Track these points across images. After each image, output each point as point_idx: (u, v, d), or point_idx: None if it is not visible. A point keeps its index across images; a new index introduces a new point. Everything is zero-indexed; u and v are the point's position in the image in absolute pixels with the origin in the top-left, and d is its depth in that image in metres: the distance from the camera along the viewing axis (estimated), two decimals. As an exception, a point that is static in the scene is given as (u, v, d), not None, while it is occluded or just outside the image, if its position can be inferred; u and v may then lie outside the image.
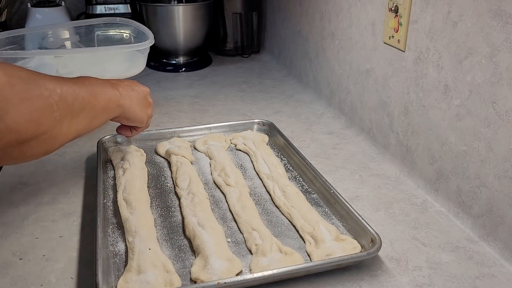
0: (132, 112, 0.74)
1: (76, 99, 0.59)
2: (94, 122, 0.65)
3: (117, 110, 0.71)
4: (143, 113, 0.77)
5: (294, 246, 0.67)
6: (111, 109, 0.69)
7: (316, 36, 1.24)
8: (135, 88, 0.76)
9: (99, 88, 0.66)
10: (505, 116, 0.65)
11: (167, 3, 1.48)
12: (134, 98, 0.74)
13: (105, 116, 0.68)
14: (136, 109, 0.75)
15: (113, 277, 0.60)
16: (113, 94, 0.69)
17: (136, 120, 0.76)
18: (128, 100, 0.72)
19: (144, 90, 0.79)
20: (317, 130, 1.07)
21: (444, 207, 0.77)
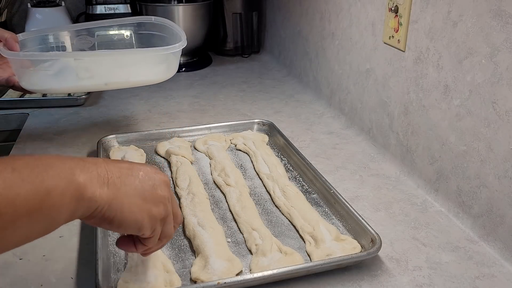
0: (118, 210, 0.44)
1: None
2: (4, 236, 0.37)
3: (74, 207, 0.41)
4: (142, 212, 0.46)
5: (294, 246, 0.67)
6: (52, 208, 0.39)
7: (316, 36, 1.24)
8: (139, 174, 0.48)
9: (27, 174, 0.38)
10: (505, 116, 0.65)
11: (167, 3, 1.48)
12: (130, 189, 0.46)
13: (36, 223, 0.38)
14: (126, 206, 0.45)
15: (113, 277, 0.60)
16: (63, 181, 0.40)
17: (126, 224, 0.46)
18: (109, 190, 0.43)
19: (156, 178, 0.49)
20: (317, 130, 1.07)
21: (444, 207, 0.77)
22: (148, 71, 0.90)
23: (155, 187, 0.48)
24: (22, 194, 0.36)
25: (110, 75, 0.89)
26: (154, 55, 0.90)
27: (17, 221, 0.37)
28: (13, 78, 0.86)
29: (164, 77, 0.90)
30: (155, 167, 0.52)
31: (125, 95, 1.27)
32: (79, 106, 1.18)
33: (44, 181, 0.38)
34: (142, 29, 1.08)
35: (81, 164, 0.42)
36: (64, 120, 1.11)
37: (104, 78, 0.88)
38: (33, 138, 1.01)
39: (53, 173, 0.39)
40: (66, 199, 0.40)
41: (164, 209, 0.49)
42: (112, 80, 0.88)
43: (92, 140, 0.97)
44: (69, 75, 0.86)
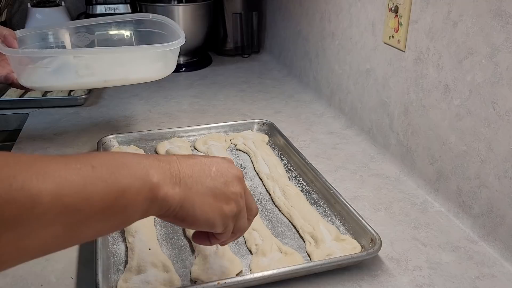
0: (190, 209, 0.45)
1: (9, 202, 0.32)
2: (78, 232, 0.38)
3: (148, 207, 0.42)
4: (215, 211, 0.47)
5: (294, 246, 0.67)
6: (127, 206, 0.40)
7: (316, 36, 1.24)
8: (212, 170, 0.48)
9: (104, 172, 0.39)
10: (505, 116, 0.65)
11: (167, 3, 1.48)
12: (201, 186, 0.46)
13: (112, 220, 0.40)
14: (198, 205, 0.46)
15: (113, 277, 0.60)
16: (138, 181, 0.41)
17: (199, 222, 0.46)
18: (181, 190, 0.44)
19: (229, 175, 0.49)
20: (317, 130, 1.07)
21: (444, 207, 0.77)
22: (147, 68, 0.90)
23: (227, 184, 0.48)
24: (99, 193, 0.37)
25: (109, 72, 0.89)
26: (153, 52, 0.90)
27: (92, 217, 0.38)
28: (11, 75, 0.86)
29: (163, 74, 0.90)
30: (228, 160, 0.52)
31: (125, 95, 1.27)
32: (79, 106, 1.18)
33: (120, 181, 0.39)
34: (141, 27, 1.08)
35: (155, 163, 0.43)
36: (64, 120, 1.11)
37: (104, 75, 0.88)
38: (33, 138, 1.01)
39: (129, 173, 0.40)
40: (139, 198, 0.41)
41: (236, 206, 0.49)
42: (112, 77, 0.88)
43: (92, 140, 0.97)
44: (68, 72, 0.87)
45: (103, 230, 0.41)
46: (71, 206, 0.36)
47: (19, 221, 0.33)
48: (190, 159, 0.48)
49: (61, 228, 0.36)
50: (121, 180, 0.39)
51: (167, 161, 0.45)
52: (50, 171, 0.35)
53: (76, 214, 0.36)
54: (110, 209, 0.39)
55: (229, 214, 0.49)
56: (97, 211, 0.38)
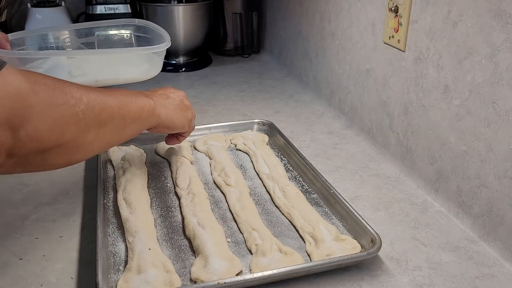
0: (170, 120, 0.73)
1: (104, 109, 0.58)
2: (124, 132, 0.64)
3: (152, 120, 0.69)
4: (183, 118, 0.76)
5: (294, 246, 0.67)
6: (144, 119, 0.67)
7: (316, 36, 1.24)
8: (170, 95, 0.75)
9: (130, 98, 0.65)
10: (505, 116, 0.65)
11: (167, 3, 1.48)
12: (170, 106, 0.73)
13: (137, 126, 0.66)
14: (174, 116, 0.74)
15: (113, 277, 0.60)
16: (147, 103, 0.68)
17: (176, 127, 0.76)
18: (163, 109, 0.71)
19: (179, 95, 0.77)
20: (317, 130, 1.07)
21: (444, 207, 0.77)
22: (135, 69, 0.98)
23: (182, 101, 0.77)
24: (132, 108, 0.64)
25: (100, 72, 0.94)
26: (141, 54, 0.98)
27: (130, 124, 0.65)
28: None
29: (150, 75, 1.00)
30: (170, 88, 0.79)
31: (125, 95, 1.27)
32: (79, 106, 1.18)
33: (140, 102, 0.66)
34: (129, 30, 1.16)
35: (148, 95, 0.70)
36: (64, 120, 1.10)
37: (95, 75, 0.94)
38: (33, 138, 1.01)
39: (141, 98, 0.67)
40: (149, 113, 0.68)
41: (191, 112, 0.79)
42: (102, 77, 0.95)
43: (92, 140, 0.97)
44: (61, 72, 0.91)
45: (132, 134, 0.67)
46: (124, 114, 0.62)
47: (106, 121, 0.59)
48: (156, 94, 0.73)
49: (118, 129, 0.62)
50: (140, 102, 0.66)
51: (151, 95, 0.71)
52: (116, 94, 0.62)
53: (126, 120, 0.63)
54: (137, 119, 0.66)
55: (190, 117, 0.79)
56: (132, 121, 0.65)
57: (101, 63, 0.96)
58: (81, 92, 0.55)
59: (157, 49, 0.92)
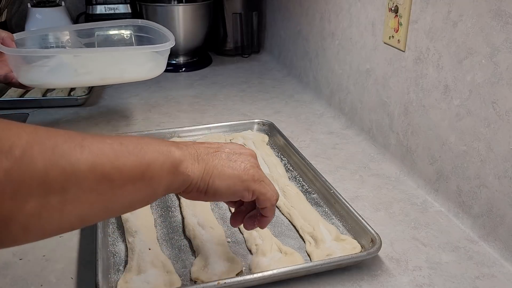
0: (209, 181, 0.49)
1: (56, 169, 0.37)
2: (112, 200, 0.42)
3: (171, 179, 0.46)
4: (232, 178, 0.51)
5: (294, 246, 0.67)
6: (153, 178, 0.44)
7: (316, 36, 1.24)
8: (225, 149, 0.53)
9: (132, 147, 0.43)
10: (505, 116, 0.65)
11: (167, 3, 1.48)
12: (217, 160, 0.51)
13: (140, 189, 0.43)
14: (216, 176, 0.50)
15: (113, 277, 0.60)
16: (161, 155, 0.45)
17: (221, 192, 0.50)
18: (199, 164, 0.49)
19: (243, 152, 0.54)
20: (317, 130, 1.07)
21: (444, 207, 0.77)
22: (140, 68, 0.96)
23: (241, 155, 0.53)
24: (128, 165, 0.42)
25: (105, 70, 0.94)
26: (146, 53, 0.97)
27: (124, 187, 0.42)
28: (10, 75, 0.89)
29: (154, 74, 0.98)
30: (240, 144, 0.56)
31: (125, 95, 1.27)
32: (79, 106, 1.18)
33: (146, 155, 0.44)
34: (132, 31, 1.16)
35: (175, 143, 0.48)
36: (64, 120, 1.11)
37: (100, 73, 0.93)
38: (33, 138, 1.01)
39: (153, 149, 0.45)
40: (164, 171, 0.45)
41: (255, 170, 0.52)
42: (108, 75, 0.94)
43: (92, 140, 0.97)
44: (66, 70, 0.91)
45: (135, 202, 0.45)
46: (105, 175, 0.40)
47: (63, 185, 0.37)
48: (204, 143, 0.53)
49: (97, 197, 0.40)
50: (147, 154, 0.44)
51: (184, 143, 0.50)
52: (86, 144, 0.40)
53: (110, 183, 0.40)
54: (139, 181, 0.43)
55: (249, 178, 0.51)
56: (127, 181, 0.42)
57: (106, 61, 0.95)
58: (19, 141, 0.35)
59: (162, 48, 0.92)
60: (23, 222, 0.36)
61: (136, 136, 0.50)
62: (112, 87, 1.33)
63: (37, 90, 1.25)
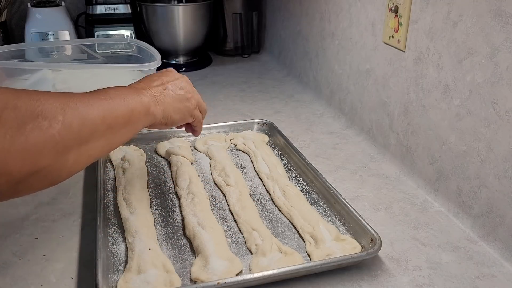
0: (167, 117, 0.67)
1: (84, 124, 0.51)
2: (113, 141, 0.57)
3: (146, 120, 0.63)
4: (184, 111, 0.70)
5: (294, 246, 0.67)
6: (136, 121, 0.60)
7: (316, 36, 1.24)
8: (168, 85, 0.68)
9: (118, 101, 0.57)
10: (505, 116, 0.65)
11: (167, 3, 1.48)
12: (168, 99, 0.66)
13: (129, 130, 0.59)
14: (172, 112, 0.67)
15: (113, 277, 0.60)
16: (138, 103, 0.60)
17: (175, 122, 0.69)
18: (159, 105, 0.64)
19: (179, 83, 0.70)
20: (317, 130, 1.07)
21: (444, 207, 0.77)
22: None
23: (182, 88, 0.70)
24: (120, 114, 0.57)
25: (85, 88, 0.93)
26: (134, 72, 0.96)
27: (120, 129, 0.57)
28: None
29: None
30: (168, 72, 0.71)
31: (125, 95, 1.27)
32: (79, 106, 1.18)
33: (129, 104, 0.59)
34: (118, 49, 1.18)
35: (139, 90, 0.63)
36: (64, 120, 1.10)
37: (80, 90, 0.91)
38: (33, 138, 1.01)
39: (131, 98, 0.60)
40: (141, 115, 0.61)
41: (194, 100, 0.73)
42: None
43: (92, 140, 0.97)
44: (46, 86, 0.90)
45: (126, 138, 0.59)
46: (110, 124, 0.55)
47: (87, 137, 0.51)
48: (151, 82, 0.67)
49: (105, 141, 0.55)
50: (130, 103, 0.59)
51: (143, 89, 0.63)
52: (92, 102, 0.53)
53: (112, 129, 0.55)
54: (128, 123, 0.58)
55: (192, 107, 0.72)
56: (122, 125, 0.57)
57: (87, 78, 0.94)
58: (56, 108, 0.48)
59: (145, 67, 0.90)
60: (69, 170, 0.51)
61: (114, 88, 0.60)
62: (112, 87, 1.33)
63: (37, 90, 1.25)
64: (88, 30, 1.54)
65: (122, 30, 1.54)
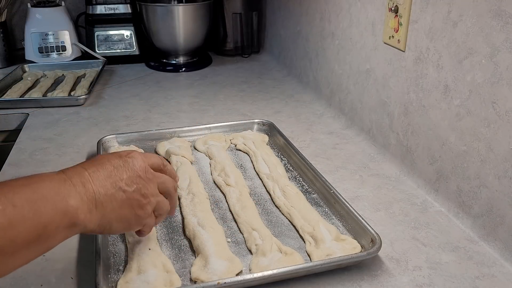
0: (105, 227, 0.49)
1: None
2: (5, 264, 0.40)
3: (67, 234, 0.45)
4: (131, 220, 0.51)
5: (294, 246, 0.67)
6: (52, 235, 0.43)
7: (316, 36, 1.24)
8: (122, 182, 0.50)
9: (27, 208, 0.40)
10: (505, 116, 0.65)
11: (167, 3, 1.48)
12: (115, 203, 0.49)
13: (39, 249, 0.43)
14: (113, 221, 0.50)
15: (113, 277, 0.60)
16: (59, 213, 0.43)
17: (117, 232, 0.53)
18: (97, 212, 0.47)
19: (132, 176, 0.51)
20: (317, 130, 1.07)
21: (444, 207, 0.77)
22: None
23: (139, 190, 0.51)
24: (22, 231, 0.39)
25: None
26: None
27: (17, 253, 0.40)
28: None
29: None
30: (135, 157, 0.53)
31: (125, 95, 1.27)
32: (79, 106, 1.18)
33: (42, 216, 0.41)
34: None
35: (72, 191, 0.45)
36: (64, 120, 1.11)
37: None
38: (33, 138, 1.01)
39: (50, 207, 0.42)
40: (60, 229, 0.43)
41: (151, 206, 0.53)
42: None
43: (92, 140, 0.97)
44: None
45: (27, 261, 0.42)
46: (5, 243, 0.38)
47: None
48: (101, 171, 0.49)
49: None
50: (43, 214, 0.41)
51: (81, 183, 0.46)
52: None
53: (3, 252, 0.38)
54: (34, 243, 0.41)
55: (145, 216, 0.53)
56: (22, 247, 0.40)
57: None
58: None
59: None
60: None
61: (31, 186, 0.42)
62: (112, 87, 1.33)
63: (38, 90, 1.25)
64: (88, 30, 1.55)
65: (122, 30, 1.54)
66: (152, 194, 0.53)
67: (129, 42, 1.56)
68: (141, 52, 1.57)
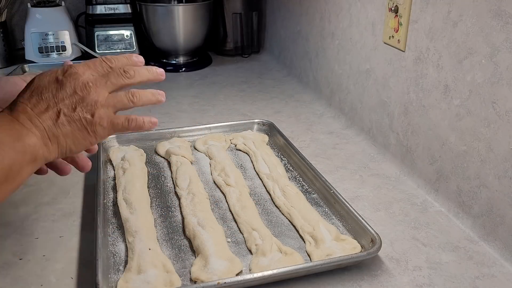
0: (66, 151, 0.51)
1: None
2: None
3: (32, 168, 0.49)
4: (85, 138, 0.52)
5: (294, 246, 0.67)
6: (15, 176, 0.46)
7: (316, 36, 1.24)
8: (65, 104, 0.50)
9: None
10: (505, 116, 0.65)
11: (167, 3, 1.48)
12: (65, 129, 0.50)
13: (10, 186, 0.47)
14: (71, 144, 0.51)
15: (113, 277, 0.60)
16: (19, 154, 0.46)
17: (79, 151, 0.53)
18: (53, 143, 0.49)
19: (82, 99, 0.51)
20: (317, 130, 1.07)
21: (444, 207, 0.77)
22: None
23: (83, 109, 0.51)
24: None
25: None
26: None
27: None
28: None
29: None
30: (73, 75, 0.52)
31: (125, 95, 1.27)
32: (79, 106, 1.18)
33: (4, 160, 0.45)
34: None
35: (24, 129, 0.47)
36: (64, 120, 1.10)
37: None
38: (33, 138, 1.01)
39: (9, 150, 0.45)
40: (24, 165, 0.47)
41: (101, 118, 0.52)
42: None
43: (92, 140, 0.97)
44: None
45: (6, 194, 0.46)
46: None
47: None
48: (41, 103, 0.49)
49: None
50: (5, 158, 0.45)
51: (28, 119, 0.48)
52: None
53: None
54: (6, 181, 0.45)
55: (100, 128, 0.52)
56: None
57: None
58: None
59: None
60: None
61: None
62: (112, 87, 1.33)
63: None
64: (88, 30, 1.55)
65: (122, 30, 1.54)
66: (102, 104, 0.53)
67: (129, 42, 1.56)
68: (141, 52, 1.57)
